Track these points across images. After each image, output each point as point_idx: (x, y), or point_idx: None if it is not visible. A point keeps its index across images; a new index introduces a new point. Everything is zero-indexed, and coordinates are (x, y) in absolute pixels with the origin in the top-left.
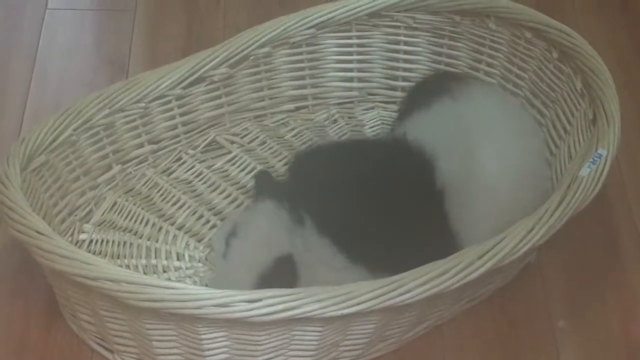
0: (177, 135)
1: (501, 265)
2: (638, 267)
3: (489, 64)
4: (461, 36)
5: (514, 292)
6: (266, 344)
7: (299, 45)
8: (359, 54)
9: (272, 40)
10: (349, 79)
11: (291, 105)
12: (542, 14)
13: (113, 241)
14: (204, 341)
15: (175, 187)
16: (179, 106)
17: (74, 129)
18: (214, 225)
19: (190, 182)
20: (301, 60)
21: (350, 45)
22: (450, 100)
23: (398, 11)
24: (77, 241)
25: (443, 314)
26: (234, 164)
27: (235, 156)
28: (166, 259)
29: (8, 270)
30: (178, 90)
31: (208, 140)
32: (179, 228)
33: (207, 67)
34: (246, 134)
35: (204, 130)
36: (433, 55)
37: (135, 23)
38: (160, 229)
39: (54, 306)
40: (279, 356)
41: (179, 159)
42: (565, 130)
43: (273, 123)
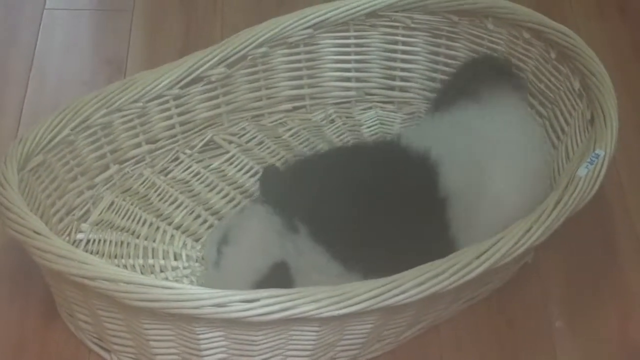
0: (175, 135)
1: (498, 265)
2: (635, 267)
3: None
4: (459, 36)
5: (511, 292)
6: (263, 343)
7: (297, 45)
8: (356, 54)
9: (270, 40)
10: (347, 79)
11: (289, 105)
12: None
13: (110, 241)
14: (202, 341)
15: (172, 187)
16: (177, 106)
17: (72, 129)
18: (212, 225)
19: (187, 182)
20: (299, 60)
21: (348, 45)
22: (474, 105)
23: (396, 11)
24: (75, 241)
25: (440, 313)
26: (231, 164)
27: (233, 156)
28: (163, 258)
29: (5, 270)
30: (175, 90)
31: (205, 140)
32: (177, 228)
33: (205, 67)
34: (244, 134)
35: (201, 130)
36: (431, 56)
37: (133, 23)
38: (158, 228)
39: (51, 306)
40: (276, 356)
41: (177, 158)
42: (562, 130)
43: (270, 123)
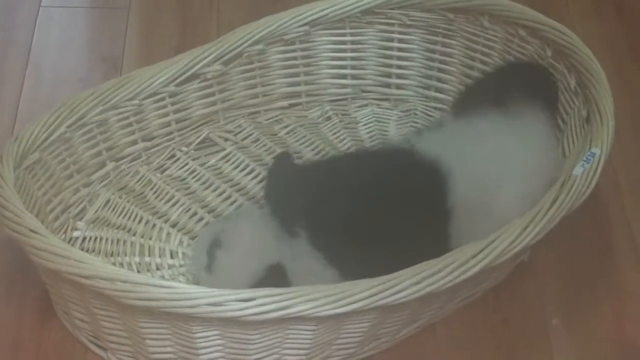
0: (171, 133)
1: (495, 264)
2: (631, 266)
3: (482, 62)
4: (455, 34)
5: (507, 291)
6: (259, 342)
7: (293, 43)
8: (352, 51)
9: (266, 38)
10: (343, 76)
11: (285, 103)
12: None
13: (106, 239)
14: (198, 340)
15: (168, 185)
16: (173, 103)
17: (68, 126)
18: (208, 223)
19: (183, 180)
20: (295, 58)
21: (344, 42)
22: (497, 117)
23: (392, 8)
24: (71, 239)
25: (436, 312)
26: (227, 161)
27: (229, 153)
28: (160, 256)
29: (2, 268)
30: (172, 88)
31: (201, 138)
32: (173, 225)
33: (201, 64)
34: (240, 131)
35: (197, 127)
36: (427, 53)
37: (129, 20)
38: (154, 226)
39: (47, 304)
40: (272, 355)
41: (173, 156)
42: (559, 128)
43: (267, 120)
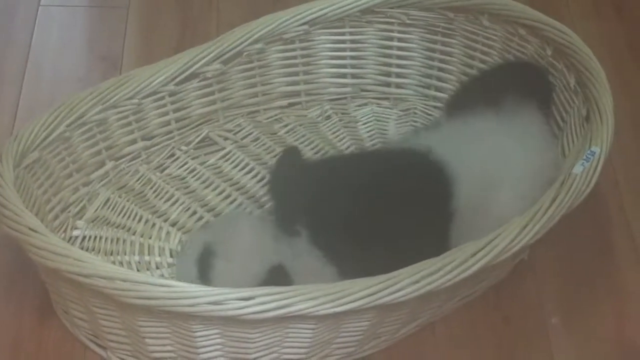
0: (170, 132)
1: (495, 263)
2: (630, 264)
3: (482, 61)
4: (455, 33)
5: (507, 289)
6: (259, 341)
7: (292, 42)
8: (352, 50)
9: (265, 37)
10: (342, 75)
11: (284, 102)
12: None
13: (106, 238)
14: (198, 338)
15: (168, 184)
16: (172, 102)
17: (67, 125)
18: (208, 222)
19: (183, 179)
20: (294, 57)
21: (344, 41)
22: (492, 116)
23: (391, 7)
24: (70, 237)
25: (436, 311)
26: (227, 160)
27: (229, 152)
28: (159, 255)
29: (1, 267)
30: (171, 87)
31: (201, 137)
32: (172, 224)
33: (200, 64)
34: (239, 130)
35: (197, 126)
36: (426, 52)
37: (128, 19)
38: (154, 225)
39: (47, 303)
40: (271, 353)
41: (172, 155)
42: (558, 127)
43: (266, 119)
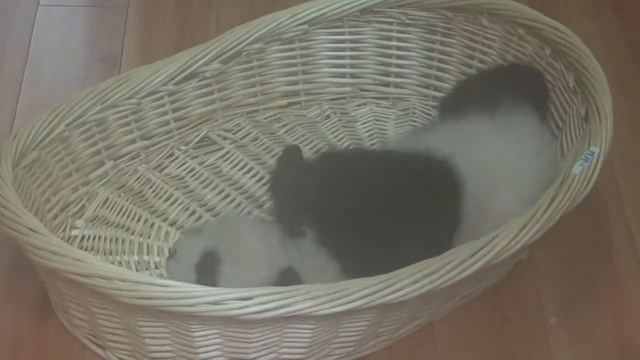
0: (170, 131)
1: (494, 263)
2: (630, 265)
3: (481, 61)
4: (454, 32)
5: (506, 289)
6: (258, 341)
7: (292, 41)
8: (351, 50)
9: (265, 36)
10: (342, 75)
11: (284, 101)
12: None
13: (105, 237)
14: (197, 338)
15: (167, 183)
16: (172, 102)
17: (66, 125)
18: (207, 222)
19: (182, 178)
20: (294, 56)
21: (343, 41)
22: (487, 118)
23: (390, 7)
24: (69, 237)
25: (435, 311)
26: (226, 160)
27: (228, 152)
28: (158, 255)
29: (0, 267)
30: (170, 86)
31: (200, 136)
32: (171, 224)
33: (200, 63)
34: (238, 130)
35: (196, 126)
36: (426, 52)
37: (127, 19)
38: (153, 225)
39: (46, 303)
40: (271, 353)
41: (171, 154)
42: (557, 127)
43: (265, 119)
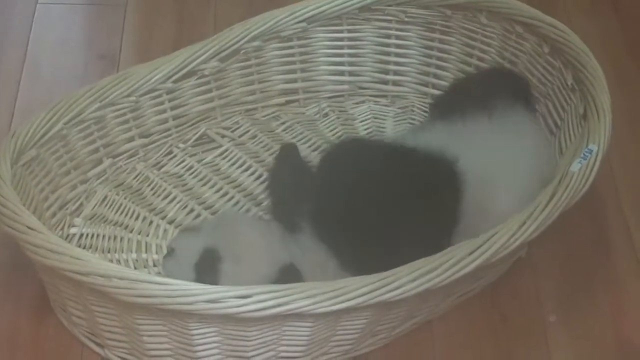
0: (168, 129)
1: (492, 261)
2: (628, 262)
3: (480, 59)
4: (453, 30)
5: (505, 287)
6: (257, 339)
7: (290, 39)
8: (350, 47)
9: (263, 34)
10: (340, 73)
11: (282, 99)
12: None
13: (103, 235)
14: (195, 337)
15: (165, 181)
16: (170, 100)
17: (65, 123)
18: (205, 220)
19: (180, 176)
20: (292, 54)
21: (341, 39)
22: (484, 119)
23: (389, 5)
24: (68, 235)
25: (434, 309)
26: (224, 158)
27: (226, 150)
28: (157, 253)
29: None
30: (169, 84)
31: (199, 134)
32: (170, 222)
33: (198, 61)
34: (237, 128)
35: (194, 124)
36: (424, 50)
37: (126, 17)
38: (151, 223)
39: (44, 301)
40: (269, 351)
41: (170, 152)
42: (556, 124)
43: (264, 117)
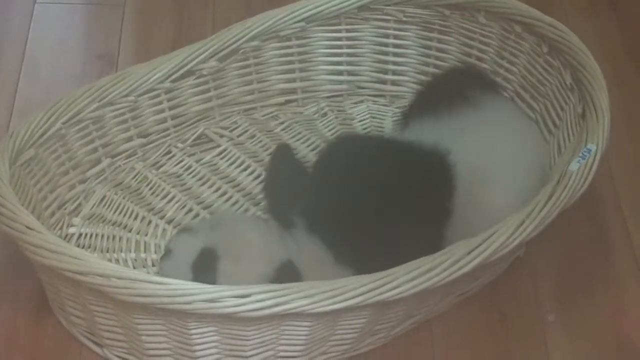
0: (167, 129)
1: (491, 260)
2: (627, 262)
3: (478, 58)
4: (451, 30)
5: (503, 286)
6: (255, 338)
7: (289, 39)
8: (348, 47)
9: (262, 34)
10: (339, 73)
11: (281, 99)
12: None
13: (102, 235)
14: (194, 336)
15: (164, 181)
16: (168, 99)
17: (63, 123)
18: (202, 219)
19: (179, 176)
20: (291, 54)
21: (340, 38)
22: (470, 110)
23: (387, 5)
24: (67, 235)
25: (432, 308)
26: (223, 158)
27: (225, 150)
28: (155, 252)
29: None
30: (167, 84)
31: (197, 134)
32: (169, 222)
33: (197, 61)
34: (235, 128)
35: (193, 123)
36: (423, 49)
37: (124, 17)
38: (150, 222)
39: (43, 300)
40: (267, 351)
41: (168, 152)
42: (554, 124)
43: (262, 116)
